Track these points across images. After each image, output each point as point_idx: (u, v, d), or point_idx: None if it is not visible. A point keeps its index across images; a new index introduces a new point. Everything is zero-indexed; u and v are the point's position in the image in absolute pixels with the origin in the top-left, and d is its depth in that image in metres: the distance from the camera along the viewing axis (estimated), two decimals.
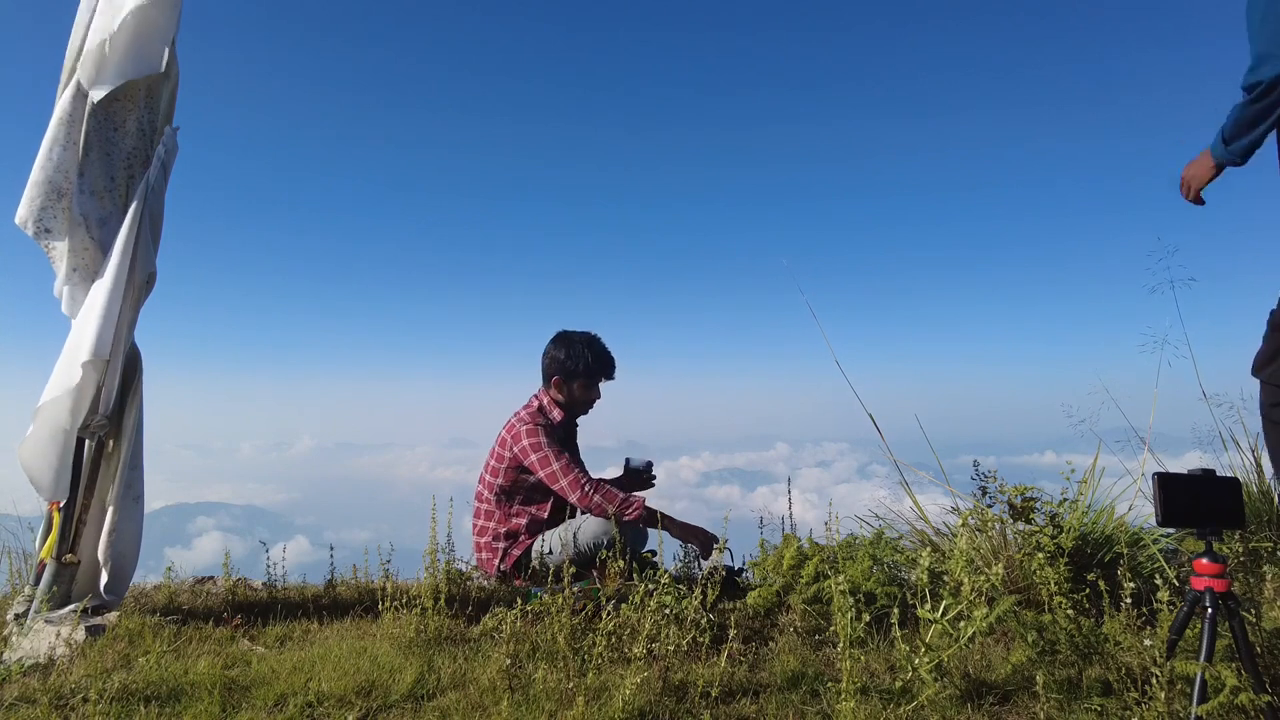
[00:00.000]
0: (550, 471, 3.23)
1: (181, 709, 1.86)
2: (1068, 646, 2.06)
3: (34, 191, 2.51)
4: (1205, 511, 1.66)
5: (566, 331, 3.48)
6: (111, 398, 2.54)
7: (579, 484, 3.20)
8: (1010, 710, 1.89)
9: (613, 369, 3.47)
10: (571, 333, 3.47)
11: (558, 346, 3.43)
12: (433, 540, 2.62)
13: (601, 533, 3.18)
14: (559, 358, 3.40)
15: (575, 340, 3.43)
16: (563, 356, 3.40)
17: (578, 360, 3.37)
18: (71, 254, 2.55)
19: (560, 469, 3.22)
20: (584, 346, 3.40)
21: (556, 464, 3.23)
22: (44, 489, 2.46)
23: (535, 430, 3.28)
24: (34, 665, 2.12)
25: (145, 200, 2.57)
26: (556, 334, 3.49)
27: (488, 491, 3.39)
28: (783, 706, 1.90)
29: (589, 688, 1.89)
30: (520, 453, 3.28)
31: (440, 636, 2.35)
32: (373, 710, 1.88)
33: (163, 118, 2.76)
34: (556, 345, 3.44)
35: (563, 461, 3.23)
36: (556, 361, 3.41)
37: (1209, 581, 1.64)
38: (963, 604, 1.98)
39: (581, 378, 3.39)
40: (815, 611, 2.46)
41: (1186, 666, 1.61)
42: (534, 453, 3.26)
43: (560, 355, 3.40)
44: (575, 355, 3.38)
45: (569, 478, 3.21)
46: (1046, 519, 2.50)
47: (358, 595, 2.88)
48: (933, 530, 2.86)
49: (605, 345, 3.47)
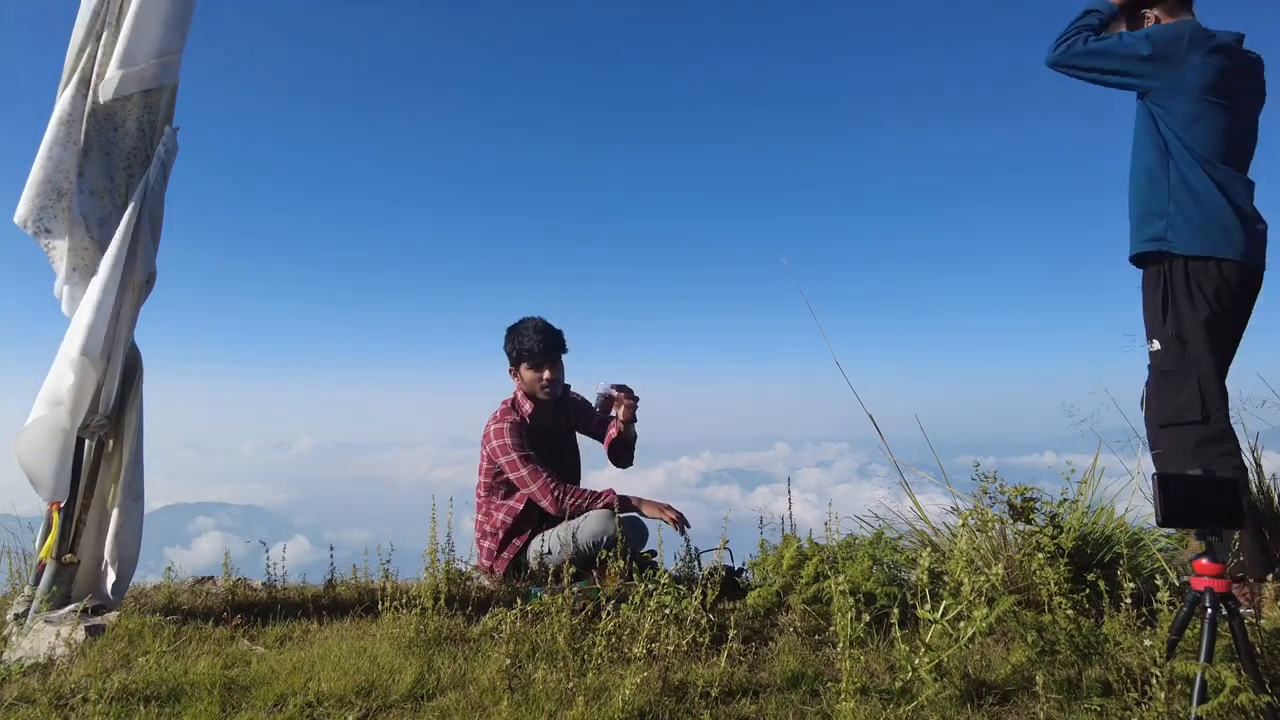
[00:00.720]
0: (519, 476, 3.28)
1: (181, 709, 1.86)
2: (1067, 647, 2.06)
3: (33, 191, 2.51)
4: (1205, 512, 1.66)
5: (517, 320, 3.50)
6: (111, 398, 2.54)
7: (548, 490, 3.24)
8: (1010, 710, 1.89)
9: (551, 343, 3.41)
10: (520, 320, 3.49)
11: (506, 336, 3.48)
12: (432, 540, 2.62)
13: (601, 531, 3.19)
14: (506, 347, 3.46)
15: (519, 325, 3.46)
16: (507, 345, 3.45)
17: (517, 344, 3.41)
18: (71, 253, 2.55)
19: (529, 474, 3.26)
20: (525, 327, 3.43)
21: (525, 469, 3.26)
22: (43, 489, 2.45)
23: (503, 430, 3.32)
24: (34, 665, 2.12)
25: (145, 200, 2.57)
26: (508, 326, 3.51)
27: (480, 489, 3.45)
28: (782, 706, 1.90)
29: (589, 688, 1.89)
30: (492, 453, 3.34)
31: (440, 636, 2.35)
32: (372, 710, 1.88)
33: (162, 118, 2.76)
34: (506, 334, 3.49)
35: (529, 468, 3.26)
36: (507, 352, 3.46)
37: (1209, 582, 1.64)
38: (963, 604, 1.98)
39: (524, 360, 3.40)
40: (815, 611, 2.46)
41: (1186, 667, 1.61)
42: (502, 455, 3.30)
43: (506, 345, 3.46)
44: (513, 340, 3.43)
45: (538, 484, 3.25)
46: (1046, 519, 2.49)
47: (357, 595, 2.88)
48: (932, 530, 2.86)
49: (544, 322, 3.45)
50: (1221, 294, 2.50)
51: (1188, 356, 2.50)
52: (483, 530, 3.43)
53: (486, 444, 3.38)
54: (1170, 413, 2.52)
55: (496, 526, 3.39)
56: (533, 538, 3.37)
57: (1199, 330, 2.49)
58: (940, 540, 2.78)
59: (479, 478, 3.45)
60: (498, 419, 3.38)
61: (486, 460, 3.40)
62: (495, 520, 3.40)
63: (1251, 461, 3.18)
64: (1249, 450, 3.20)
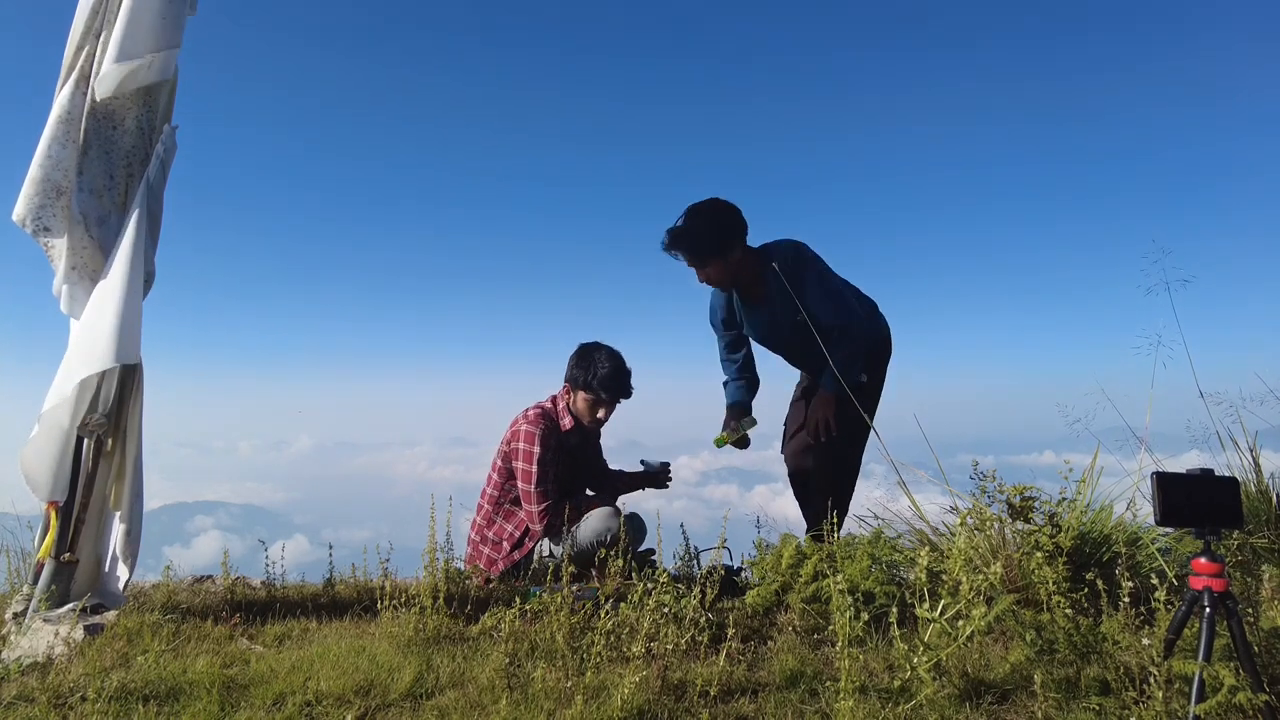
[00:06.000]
0: (526, 490, 3.28)
1: (180, 708, 1.85)
2: (1066, 646, 2.06)
3: (32, 189, 2.50)
4: (1204, 511, 1.66)
5: (593, 343, 3.43)
6: (110, 397, 2.54)
7: (545, 515, 3.24)
8: (1008, 709, 1.89)
9: (624, 390, 3.39)
10: (596, 345, 3.41)
11: (577, 355, 3.40)
12: (432, 539, 2.62)
13: (603, 529, 3.19)
14: (573, 365, 3.39)
15: (595, 352, 3.37)
16: (577, 367, 3.37)
17: (590, 372, 3.33)
18: (70, 252, 2.54)
19: (536, 495, 3.25)
20: (602, 360, 3.34)
21: (534, 488, 3.25)
22: (40, 489, 2.45)
23: (534, 436, 3.28)
24: (32, 664, 2.12)
25: (145, 199, 2.57)
26: (583, 343, 3.44)
27: (490, 488, 3.43)
28: (781, 705, 1.90)
29: (587, 687, 1.89)
30: (513, 452, 3.32)
31: (439, 635, 2.35)
32: (371, 709, 1.88)
33: (161, 116, 2.76)
34: (577, 353, 3.41)
35: (538, 489, 3.25)
36: (571, 369, 3.40)
37: (1207, 581, 1.65)
38: (961, 603, 1.98)
39: (586, 390, 3.35)
40: (814, 611, 2.46)
41: (1184, 666, 1.61)
42: (522, 460, 3.28)
43: (574, 363, 3.38)
44: (587, 366, 3.34)
45: (537, 507, 3.25)
46: (1045, 518, 2.50)
47: (356, 594, 2.88)
48: (931, 529, 2.86)
49: (622, 360, 3.38)
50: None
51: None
52: (483, 535, 3.40)
53: (513, 441, 3.33)
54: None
55: (501, 535, 3.38)
56: (534, 547, 3.36)
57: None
58: (939, 539, 2.78)
59: (491, 479, 3.41)
60: (532, 422, 3.31)
61: (502, 459, 3.37)
62: (502, 530, 3.38)
63: (1250, 461, 3.19)
64: (1247, 450, 3.20)
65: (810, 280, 3.13)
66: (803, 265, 3.15)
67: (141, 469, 2.61)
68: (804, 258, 3.17)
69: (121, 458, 2.59)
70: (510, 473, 3.34)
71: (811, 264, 3.17)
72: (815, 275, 3.15)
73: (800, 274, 3.12)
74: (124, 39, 2.54)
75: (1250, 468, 3.17)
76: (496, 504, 3.39)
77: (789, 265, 3.11)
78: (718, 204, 3.19)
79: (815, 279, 3.14)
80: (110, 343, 2.36)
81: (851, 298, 3.26)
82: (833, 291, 3.16)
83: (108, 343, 2.37)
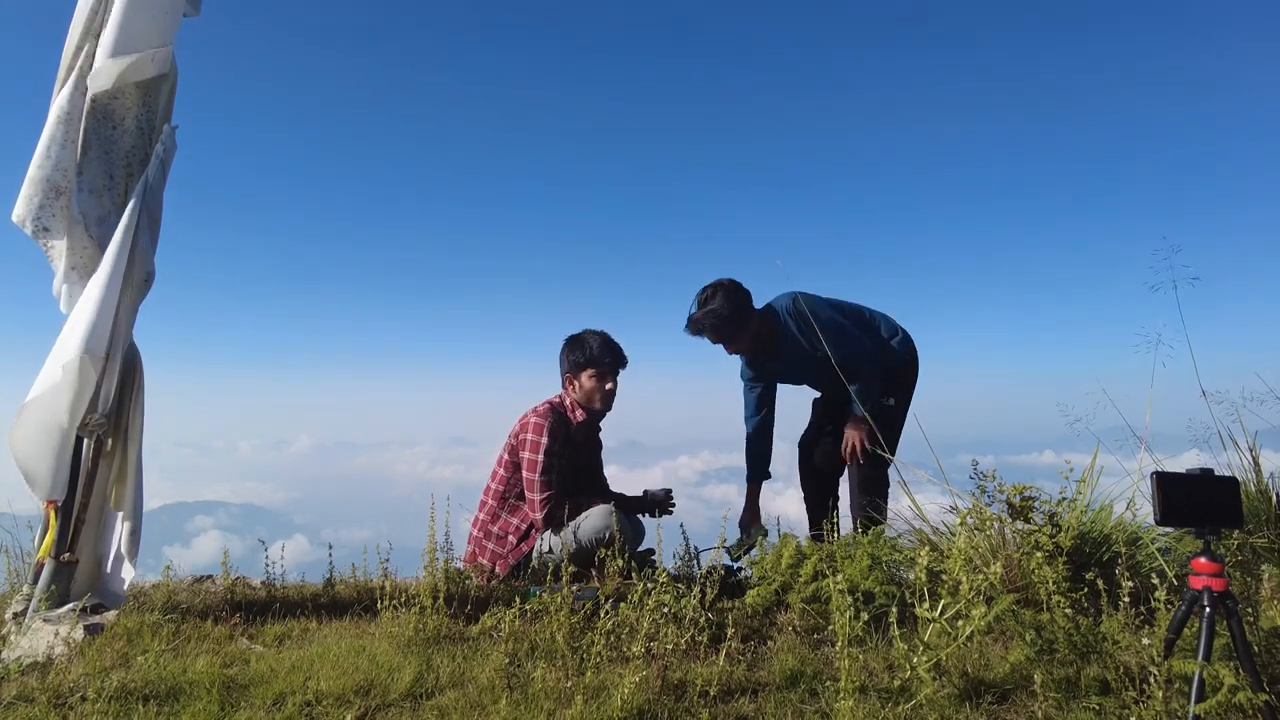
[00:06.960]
0: (530, 478, 3.32)
1: (180, 708, 1.85)
2: (1066, 645, 2.06)
3: (32, 189, 2.50)
4: (1203, 511, 1.66)
5: (576, 331, 3.59)
6: (110, 397, 2.53)
7: (546, 504, 3.28)
8: (1008, 709, 1.89)
9: (620, 357, 3.55)
10: (580, 331, 3.59)
11: (567, 344, 3.55)
12: (431, 539, 2.62)
13: (603, 528, 3.19)
14: (566, 354, 3.53)
15: (582, 335, 3.55)
16: (569, 353, 3.52)
17: (582, 351, 3.47)
18: (70, 252, 2.55)
19: (540, 484, 3.29)
20: (591, 336, 3.52)
21: (538, 477, 3.30)
22: (40, 488, 2.45)
23: (542, 428, 3.35)
24: (32, 664, 2.12)
25: (144, 199, 2.57)
26: (568, 336, 3.60)
27: (495, 483, 3.45)
28: (781, 705, 1.90)
29: (587, 686, 1.89)
30: (520, 443, 3.36)
31: (439, 635, 2.35)
32: (371, 709, 1.88)
33: (161, 116, 2.76)
34: (566, 344, 3.56)
35: (542, 479, 3.30)
36: (566, 357, 3.52)
37: (1207, 581, 1.65)
38: (961, 603, 1.98)
39: (589, 366, 3.46)
40: (814, 610, 2.46)
41: (1184, 665, 1.61)
42: (529, 450, 3.33)
43: (567, 352, 3.53)
44: (581, 346, 3.49)
45: (542, 495, 3.29)
46: (1045, 518, 2.50)
47: (356, 594, 2.88)
48: (931, 529, 2.86)
49: (608, 334, 3.57)
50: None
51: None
52: (486, 531, 3.42)
53: (521, 433, 3.39)
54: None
55: (506, 530, 3.39)
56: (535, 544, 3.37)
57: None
58: (939, 539, 2.78)
59: (496, 474, 3.46)
60: (542, 415, 3.40)
61: (509, 453, 3.42)
62: (507, 524, 3.40)
63: (1250, 461, 3.18)
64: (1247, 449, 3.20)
65: (815, 325, 3.46)
66: (802, 316, 3.49)
67: (142, 469, 2.61)
68: (801, 311, 3.51)
69: (122, 458, 2.59)
70: (516, 466, 3.37)
71: (813, 310, 3.49)
72: (818, 321, 3.47)
73: (806, 322, 3.47)
74: (119, 34, 2.54)
75: (1250, 467, 3.17)
76: (502, 499, 3.41)
77: (796, 318, 3.50)
78: (726, 286, 3.50)
79: (819, 324, 3.45)
80: (80, 336, 2.37)
81: (852, 327, 3.55)
82: (831, 328, 3.46)
83: (78, 336, 2.38)
